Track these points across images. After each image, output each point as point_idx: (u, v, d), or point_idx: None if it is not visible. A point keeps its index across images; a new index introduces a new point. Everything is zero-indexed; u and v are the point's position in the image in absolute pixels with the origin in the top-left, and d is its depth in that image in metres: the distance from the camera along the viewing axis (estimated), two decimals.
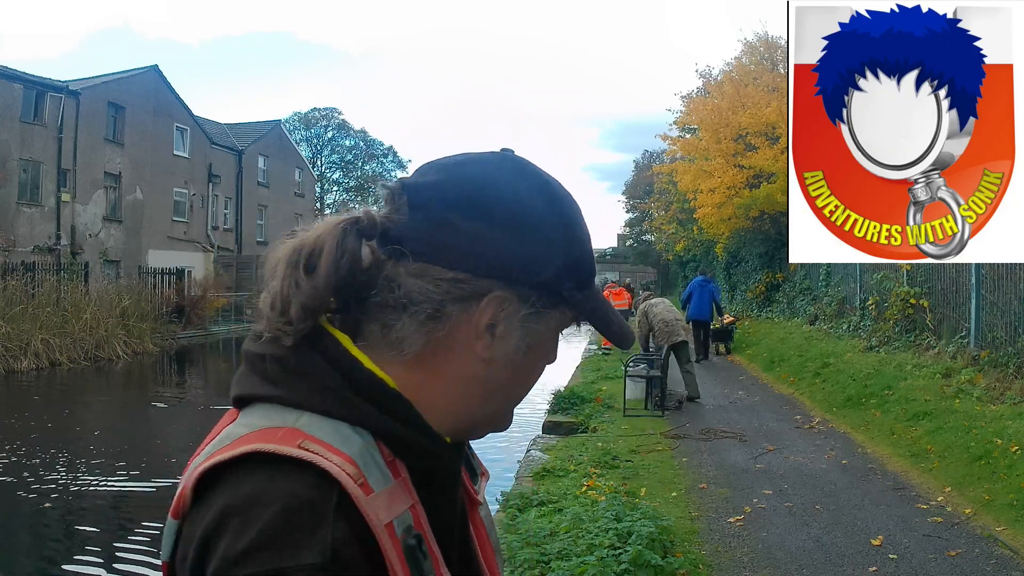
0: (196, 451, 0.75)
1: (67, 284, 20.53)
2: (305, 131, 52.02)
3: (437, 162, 0.82)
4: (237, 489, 0.66)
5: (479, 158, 0.81)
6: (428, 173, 0.80)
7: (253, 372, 0.73)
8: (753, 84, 19.46)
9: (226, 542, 0.63)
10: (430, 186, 0.76)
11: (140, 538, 6.44)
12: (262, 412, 0.71)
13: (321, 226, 0.74)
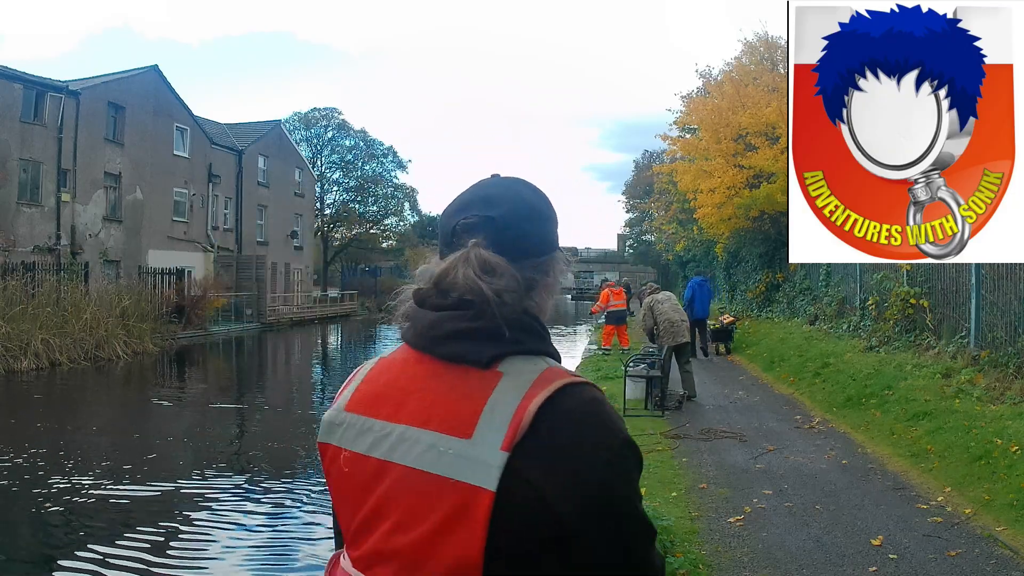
0: (442, 412, 1.02)
1: (67, 284, 20.53)
2: (305, 131, 52.00)
3: (480, 198, 1.17)
4: (584, 400, 1.00)
5: (507, 186, 1.20)
6: (491, 208, 1.13)
7: (487, 339, 1.03)
8: (753, 84, 19.46)
9: (606, 422, 0.99)
10: (504, 216, 1.12)
11: (139, 543, 6.43)
12: (522, 361, 1.03)
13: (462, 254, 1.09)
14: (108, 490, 7.91)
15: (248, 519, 7.19)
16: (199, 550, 6.29)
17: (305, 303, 40.29)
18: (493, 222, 1.11)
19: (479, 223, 1.11)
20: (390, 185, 55.52)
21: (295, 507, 7.56)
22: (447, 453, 0.97)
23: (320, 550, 6.35)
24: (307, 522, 7.12)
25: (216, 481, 8.55)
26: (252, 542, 6.54)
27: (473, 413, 0.98)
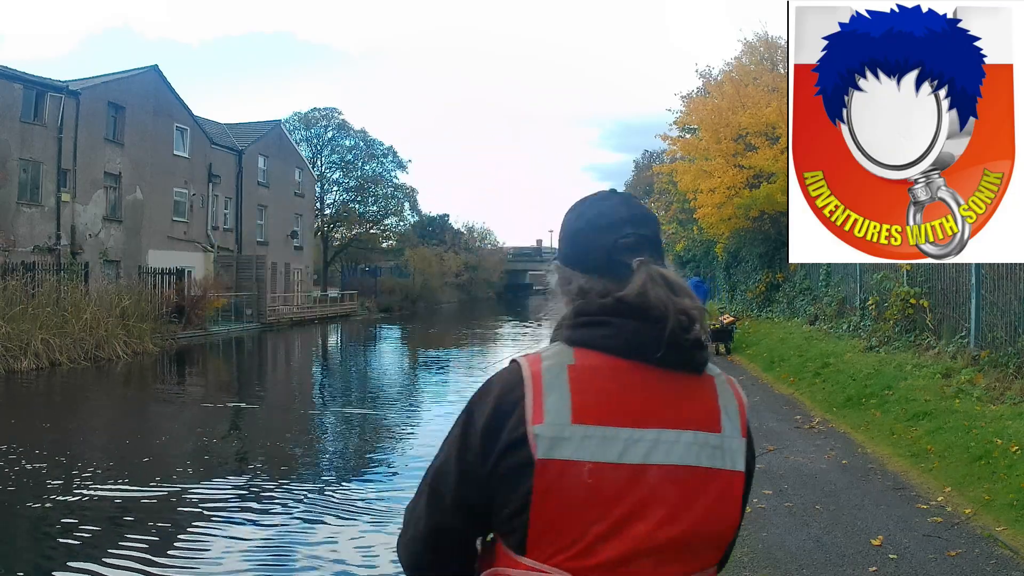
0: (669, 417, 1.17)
1: (67, 284, 20.53)
2: (305, 131, 52.01)
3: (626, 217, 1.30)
4: None
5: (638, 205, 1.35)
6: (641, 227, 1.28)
7: (702, 348, 1.20)
8: (753, 84, 19.46)
9: None
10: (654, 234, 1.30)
11: (138, 544, 6.42)
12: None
13: (647, 274, 1.20)
14: (108, 491, 7.91)
15: (247, 520, 7.18)
16: (198, 551, 6.29)
17: (305, 303, 40.29)
18: (648, 241, 1.25)
19: (638, 242, 1.24)
20: (390, 185, 55.55)
21: (294, 508, 7.56)
22: (707, 447, 1.17)
23: (320, 551, 6.35)
24: (306, 523, 7.12)
25: (215, 482, 8.55)
26: (251, 543, 6.54)
27: (713, 410, 1.19)
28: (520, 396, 1.17)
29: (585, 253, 1.28)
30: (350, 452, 10.63)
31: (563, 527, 1.14)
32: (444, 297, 61.64)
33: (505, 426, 1.16)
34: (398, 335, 34.22)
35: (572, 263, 1.30)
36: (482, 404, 1.22)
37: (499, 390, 1.21)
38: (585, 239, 1.28)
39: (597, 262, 1.25)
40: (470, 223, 76.95)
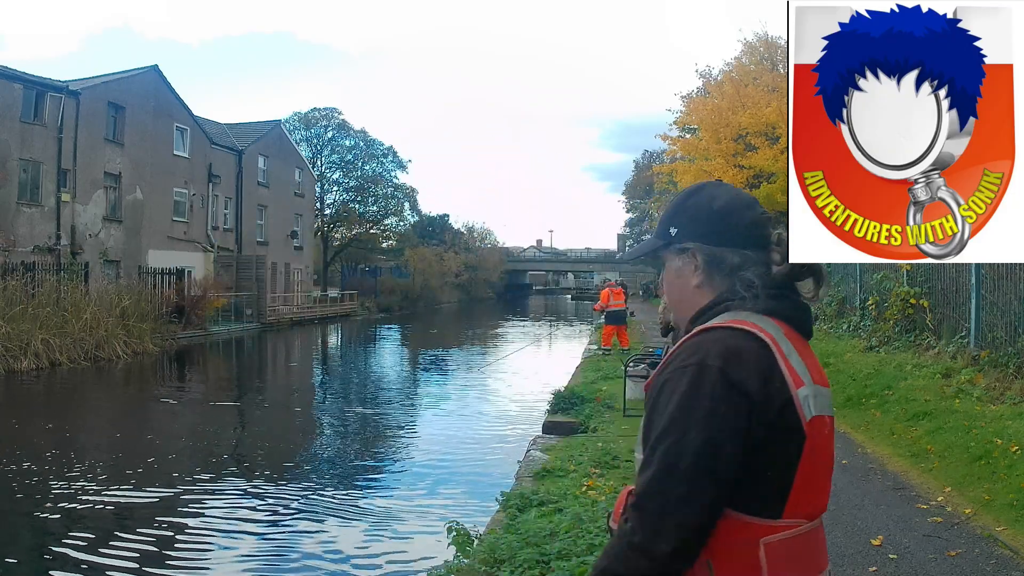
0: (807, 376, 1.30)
1: (67, 284, 20.53)
2: (305, 131, 51.99)
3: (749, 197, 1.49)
4: None
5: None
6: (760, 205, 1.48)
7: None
8: (753, 84, 19.46)
9: None
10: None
11: (138, 545, 6.42)
12: None
13: None
14: (107, 492, 7.91)
15: (247, 520, 7.19)
16: (197, 552, 6.29)
17: (305, 303, 40.28)
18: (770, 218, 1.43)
19: (769, 218, 1.42)
20: (390, 185, 55.54)
21: (294, 510, 7.56)
22: (829, 399, 1.33)
23: (319, 553, 6.35)
24: (306, 525, 7.12)
25: (215, 482, 8.55)
26: (250, 543, 6.54)
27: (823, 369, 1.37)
28: (773, 361, 1.24)
29: (735, 229, 1.38)
30: (350, 453, 10.63)
31: (816, 481, 1.26)
32: (444, 297, 61.64)
33: (772, 390, 1.22)
34: (398, 335, 34.21)
35: (720, 241, 1.37)
36: (741, 370, 1.21)
37: (754, 356, 1.23)
38: (735, 216, 1.38)
39: (747, 237, 1.37)
40: (470, 223, 76.96)
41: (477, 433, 11.33)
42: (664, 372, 1.29)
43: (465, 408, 13.69)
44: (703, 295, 1.39)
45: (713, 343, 1.25)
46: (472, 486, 8.29)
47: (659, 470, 1.18)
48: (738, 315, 1.31)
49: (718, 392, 1.20)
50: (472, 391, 15.92)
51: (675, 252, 1.43)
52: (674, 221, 1.45)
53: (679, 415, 1.20)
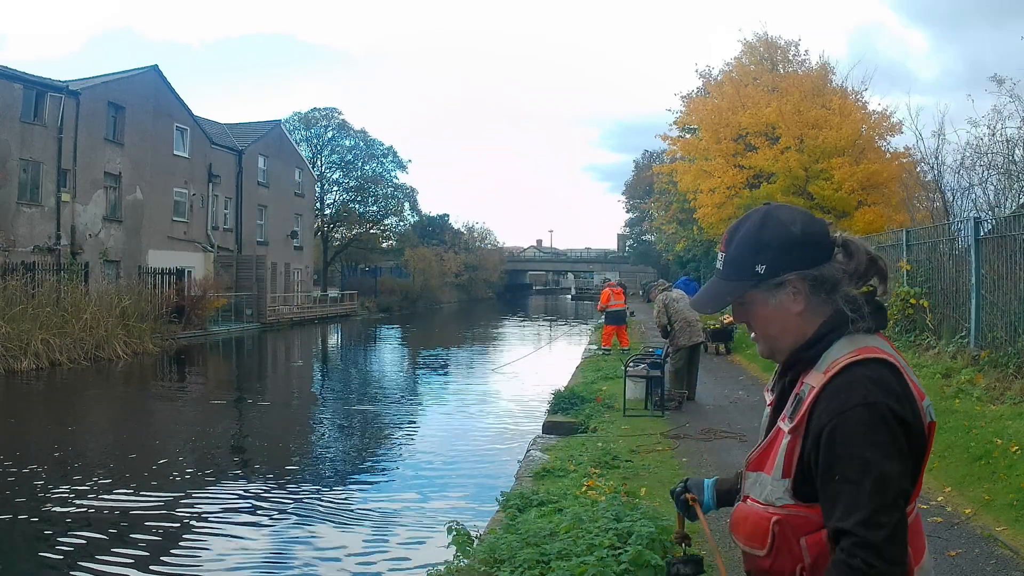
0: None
1: (67, 284, 20.53)
2: (305, 131, 51.99)
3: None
4: None
5: None
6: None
7: None
8: (753, 84, 19.47)
9: None
10: None
11: (136, 548, 6.40)
12: None
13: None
14: (107, 495, 7.90)
15: (246, 523, 7.18)
16: (197, 555, 6.28)
17: (305, 303, 40.28)
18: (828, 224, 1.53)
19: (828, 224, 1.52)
20: (390, 185, 55.54)
21: (293, 514, 7.55)
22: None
23: (319, 558, 6.34)
24: (305, 523, 7.12)
25: (215, 484, 8.55)
26: (249, 550, 6.53)
27: None
28: (907, 383, 1.37)
29: (820, 246, 1.45)
30: (350, 454, 10.63)
31: (921, 476, 1.42)
32: (444, 297, 61.65)
33: (914, 411, 1.36)
34: (398, 336, 34.21)
35: (814, 262, 1.43)
36: (898, 403, 1.34)
37: (899, 386, 1.36)
38: (816, 234, 1.45)
39: (828, 250, 1.45)
40: (470, 223, 76.94)
41: (477, 433, 11.33)
42: (828, 415, 1.34)
43: (465, 408, 13.69)
44: (808, 321, 1.45)
45: (868, 381, 1.34)
46: (472, 486, 8.29)
47: (874, 505, 1.29)
48: (857, 341, 1.40)
49: (894, 428, 1.32)
50: (472, 391, 15.92)
51: (768, 289, 1.45)
52: (759, 258, 1.45)
53: (871, 454, 1.30)
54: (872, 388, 1.32)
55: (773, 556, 1.41)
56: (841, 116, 16.86)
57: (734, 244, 1.49)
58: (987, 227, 9.10)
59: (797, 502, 1.38)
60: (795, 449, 1.39)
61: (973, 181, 12.48)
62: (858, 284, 1.43)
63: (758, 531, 1.43)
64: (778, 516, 1.40)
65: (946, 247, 10.11)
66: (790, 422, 1.41)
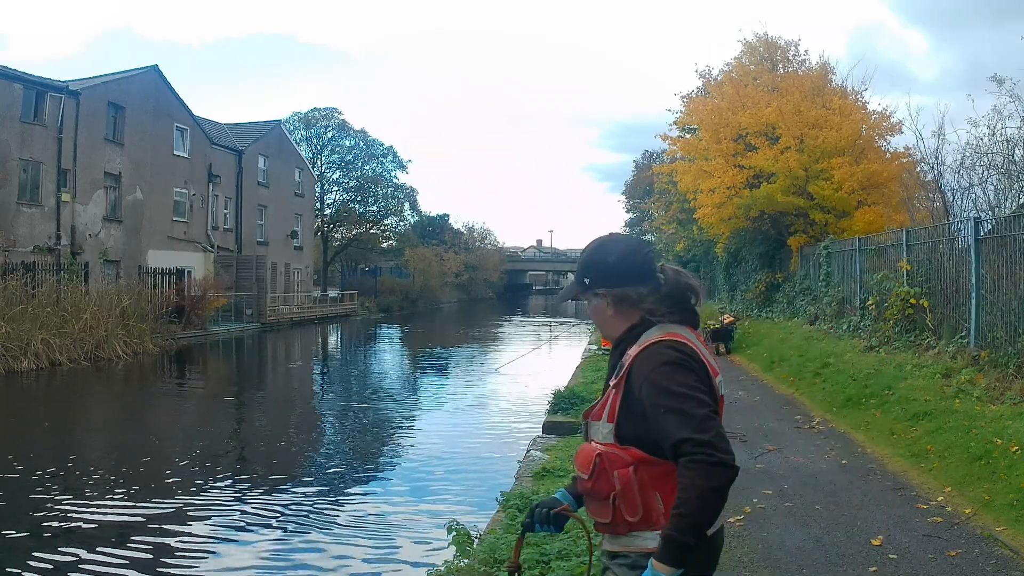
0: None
1: (67, 284, 20.53)
2: (305, 131, 51.97)
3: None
4: None
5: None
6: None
7: None
8: (753, 84, 19.45)
9: None
10: None
11: (135, 552, 6.39)
12: None
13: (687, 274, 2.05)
14: (106, 498, 7.89)
15: (246, 522, 7.18)
16: (194, 560, 6.26)
17: (305, 303, 40.27)
18: (654, 255, 2.08)
19: (653, 255, 2.05)
20: (390, 185, 55.51)
21: (293, 512, 7.55)
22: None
23: (319, 552, 6.34)
24: (305, 525, 7.11)
25: (214, 486, 8.54)
26: (248, 546, 6.53)
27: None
28: (701, 359, 1.86)
29: (628, 273, 1.97)
30: (350, 454, 10.62)
31: None
32: (444, 297, 61.64)
33: (703, 377, 1.83)
34: (398, 336, 34.20)
35: (625, 282, 1.97)
36: (698, 371, 1.82)
37: (692, 356, 1.84)
38: (626, 265, 1.98)
39: (640, 275, 1.97)
40: (470, 223, 76.95)
41: (477, 433, 11.33)
42: (643, 375, 1.81)
43: (465, 408, 13.68)
44: (619, 320, 1.99)
45: (669, 349, 1.83)
46: (472, 486, 8.29)
47: (698, 417, 1.72)
48: (666, 328, 1.90)
49: (695, 369, 1.81)
50: (472, 391, 15.92)
51: (591, 295, 2.02)
52: (586, 274, 2.03)
53: (682, 388, 1.75)
54: (672, 352, 1.82)
55: (594, 480, 1.87)
56: (841, 116, 16.85)
57: (581, 259, 2.07)
58: (987, 227, 9.10)
59: (616, 443, 1.84)
60: (617, 401, 1.87)
61: (973, 181, 12.48)
62: (674, 299, 1.94)
63: (586, 460, 1.89)
64: (600, 450, 1.86)
65: (946, 247, 10.11)
66: (615, 380, 1.89)
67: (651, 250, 2.08)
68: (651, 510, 1.81)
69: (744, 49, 20.80)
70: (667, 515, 1.74)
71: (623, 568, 1.87)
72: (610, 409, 1.87)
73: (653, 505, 1.81)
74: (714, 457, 1.66)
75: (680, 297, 1.96)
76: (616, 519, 1.85)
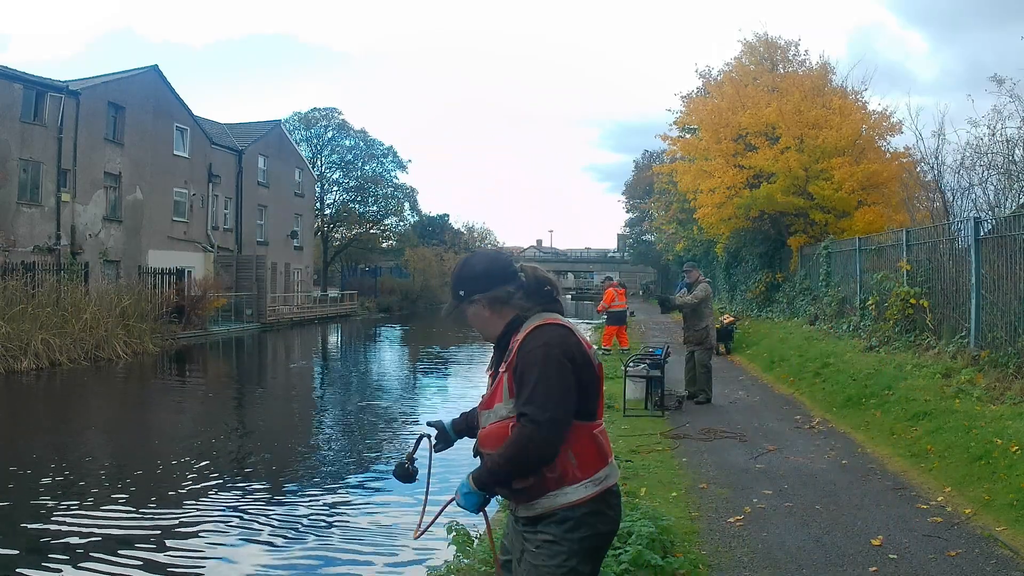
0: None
1: (67, 284, 20.53)
2: (305, 131, 51.97)
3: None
4: None
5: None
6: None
7: None
8: (753, 84, 19.45)
9: None
10: None
11: (135, 556, 6.37)
12: None
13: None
14: (105, 501, 7.87)
15: (245, 522, 7.17)
16: (193, 564, 6.25)
17: (305, 303, 40.29)
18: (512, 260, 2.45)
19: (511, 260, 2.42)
20: (390, 185, 55.52)
21: (292, 512, 7.54)
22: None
23: (319, 552, 6.34)
24: (305, 527, 7.11)
25: (214, 487, 8.54)
26: (249, 548, 6.53)
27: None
28: (576, 337, 2.26)
29: (499, 274, 2.35)
30: (350, 458, 10.61)
31: (602, 398, 2.33)
32: (444, 297, 61.30)
33: (581, 353, 2.23)
34: (398, 335, 34.19)
35: (494, 285, 2.33)
36: (567, 348, 2.19)
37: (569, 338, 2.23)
38: (491, 273, 2.35)
39: (504, 278, 2.34)
40: (470, 223, 77.08)
41: None
42: (524, 350, 2.18)
43: (466, 407, 13.65)
44: (497, 319, 2.35)
45: (544, 334, 2.20)
46: None
47: (542, 399, 2.10)
48: (544, 316, 2.28)
49: (561, 360, 2.16)
50: (473, 390, 15.91)
51: (468, 304, 2.37)
52: (460, 287, 2.39)
53: (542, 371, 2.13)
54: (547, 337, 2.19)
55: None
56: (841, 116, 16.85)
57: (451, 277, 2.45)
58: (987, 227, 9.10)
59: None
60: (511, 379, 2.20)
61: (973, 181, 12.48)
62: (537, 292, 2.32)
63: (500, 436, 2.20)
64: (513, 423, 2.17)
65: (946, 247, 10.11)
66: (505, 364, 2.24)
67: (509, 257, 2.44)
68: (566, 466, 2.17)
69: (744, 49, 20.82)
70: (581, 469, 2.18)
71: (552, 525, 2.18)
72: (508, 388, 2.21)
73: (567, 461, 2.17)
74: (536, 437, 2.08)
75: (540, 289, 2.33)
76: (536, 483, 2.17)
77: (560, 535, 2.16)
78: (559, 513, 2.17)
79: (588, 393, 2.21)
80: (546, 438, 2.08)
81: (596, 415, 2.27)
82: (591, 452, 2.21)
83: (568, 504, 2.16)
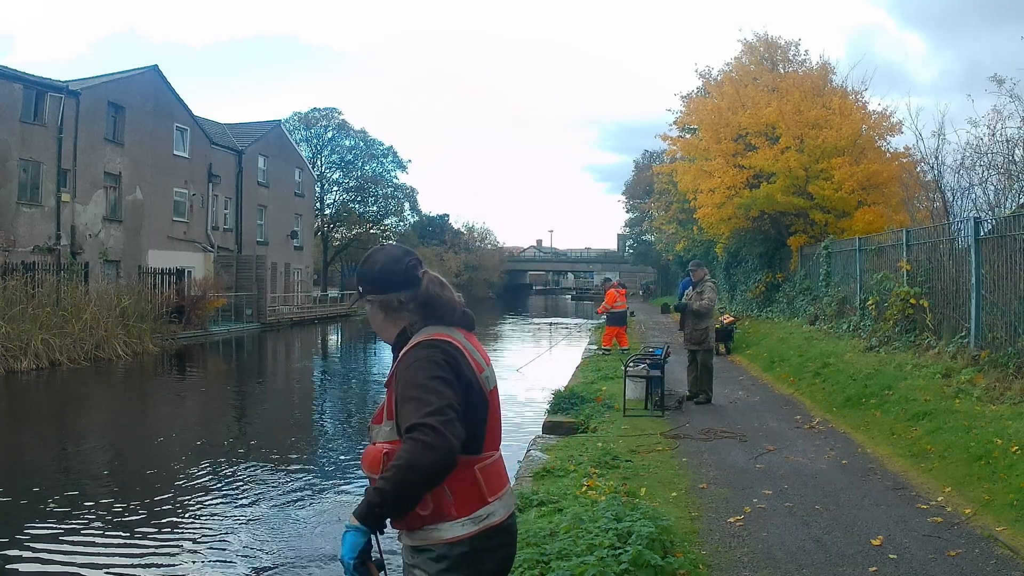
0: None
1: (67, 284, 20.53)
2: (305, 131, 52.00)
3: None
4: None
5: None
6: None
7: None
8: (753, 84, 19.46)
9: None
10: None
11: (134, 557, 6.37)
12: None
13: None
14: (104, 502, 7.88)
15: (246, 523, 7.17)
16: (192, 566, 6.26)
17: (305, 303, 40.28)
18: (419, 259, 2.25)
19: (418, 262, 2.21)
20: (390, 185, 55.55)
21: (292, 513, 7.54)
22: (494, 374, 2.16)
23: (318, 553, 6.34)
24: (304, 528, 7.11)
25: (214, 488, 8.54)
26: (247, 549, 6.53)
27: (485, 352, 2.16)
28: (463, 358, 2.01)
29: (391, 281, 2.16)
30: (350, 458, 10.61)
31: (496, 428, 2.09)
32: None
33: (466, 377, 1.97)
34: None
35: (389, 289, 2.16)
36: (446, 360, 1.96)
37: (449, 355, 1.98)
38: (388, 274, 2.16)
39: (402, 283, 2.15)
40: (470, 223, 77.05)
41: None
42: (402, 368, 1.97)
43: None
44: (390, 325, 2.19)
45: (427, 348, 1.97)
46: None
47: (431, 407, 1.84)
48: (434, 330, 2.05)
49: (444, 369, 1.93)
50: None
51: (365, 302, 2.24)
52: (359, 282, 2.25)
53: (425, 382, 1.90)
54: (427, 351, 1.96)
55: None
56: (841, 116, 16.85)
57: (357, 269, 2.28)
58: (987, 227, 9.10)
59: (398, 438, 1.91)
60: (392, 398, 1.99)
61: (973, 181, 12.50)
62: (430, 305, 2.09)
63: (375, 461, 1.97)
64: (386, 449, 1.96)
65: (946, 247, 10.11)
66: (388, 377, 2.07)
67: (413, 259, 2.19)
68: (441, 502, 1.94)
69: (744, 49, 20.82)
70: (457, 506, 1.95)
71: (428, 562, 1.97)
72: (387, 408, 2.02)
73: (443, 497, 1.94)
74: (430, 439, 1.79)
75: (435, 302, 2.09)
76: (409, 514, 1.94)
77: (434, 574, 1.96)
78: (435, 550, 1.96)
79: (471, 419, 1.95)
80: (440, 443, 1.80)
81: (481, 448, 2.01)
82: (471, 488, 1.97)
83: (443, 541, 1.95)
